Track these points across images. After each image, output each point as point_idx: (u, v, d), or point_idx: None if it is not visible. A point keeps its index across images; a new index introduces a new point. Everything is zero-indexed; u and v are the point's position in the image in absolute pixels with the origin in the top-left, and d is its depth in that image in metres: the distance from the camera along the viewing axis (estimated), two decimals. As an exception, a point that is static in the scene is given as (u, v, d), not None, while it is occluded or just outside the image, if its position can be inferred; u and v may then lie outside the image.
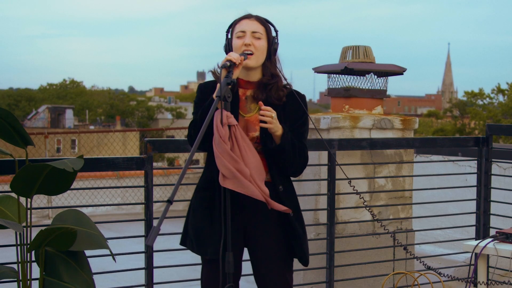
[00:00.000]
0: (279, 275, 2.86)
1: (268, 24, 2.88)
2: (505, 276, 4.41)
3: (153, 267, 3.68)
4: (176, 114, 62.78)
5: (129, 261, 4.23)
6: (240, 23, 2.85)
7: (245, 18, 2.86)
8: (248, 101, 2.85)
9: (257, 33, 2.82)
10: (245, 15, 2.88)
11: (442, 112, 67.36)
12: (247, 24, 2.83)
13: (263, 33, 2.83)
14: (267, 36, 2.85)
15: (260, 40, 2.82)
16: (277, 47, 2.88)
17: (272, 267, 2.86)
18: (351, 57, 4.86)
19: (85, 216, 3.11)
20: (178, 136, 15.01)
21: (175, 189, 2.39)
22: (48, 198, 9.01)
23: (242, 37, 2.81)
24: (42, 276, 2.95)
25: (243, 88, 2.86)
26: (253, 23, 2.83)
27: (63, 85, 73.45)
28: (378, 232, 4.57)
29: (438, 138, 4.75)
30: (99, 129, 36.04)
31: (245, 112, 2.84)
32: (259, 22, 2.85)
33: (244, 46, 2.79)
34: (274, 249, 2.84)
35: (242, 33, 2.82)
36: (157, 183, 7.23)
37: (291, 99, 2.87)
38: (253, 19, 2.85)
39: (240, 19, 2.86)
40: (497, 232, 3.68)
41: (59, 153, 28.87)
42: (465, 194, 5.34)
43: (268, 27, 2.87)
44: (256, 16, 2.88)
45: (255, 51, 2.79)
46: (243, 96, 2.86)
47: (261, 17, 2.88)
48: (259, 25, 2.84)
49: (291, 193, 2.88)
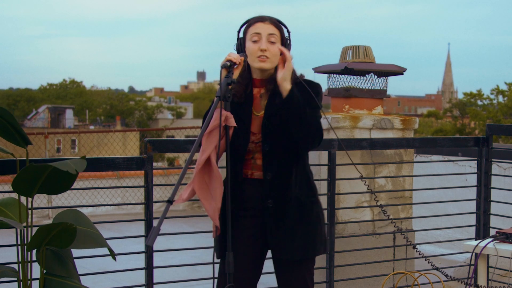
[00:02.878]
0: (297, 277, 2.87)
1: (281, 25, 2.86)
2: (505, 276, 4.41)
3: (153, 267, 3.68)
4: (176, 114, 62.83)
5: (129, 261, 4.23)
6: (255, 26, 2.81)
7: (259, 21, 2.82)
8: (262, 99, 2.85)
9: (273, 35, 2.79)
10: (259, 17, 2.84)
11: (442, 112, 67.34)
12: (262, 27, 2.80)
13: (278, 36, 2.81)
14: (281, 38, 2.83)
15: (275, 44, 2.79)
16: (290, 48, 2.87)
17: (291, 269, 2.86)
18: (351, 57, 4.86)
19: (84, 216, 3.11)
20: (178, 136, 15.03)
21: (175, 189, 2.39)
22: (48, 198, 9.01)
23: (257, 41, 2.78)
24: (43, 276, 2.95)
25: (258, 87, 2.87)
26: (268, 27, 2.80)
27: (63, 85, 73.45)
28: (378, 232, 4.57)
29: (438, 138, 4.75)
30: (99, 129, 36.06)
31: (258, 110, 2.84)
32: (273, 25, 2.82)
33: (259, 51, 2.77)
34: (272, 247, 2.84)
35: (257, 37, 2.79)
36: (157, 183, 7.24)
37: (302, 89, 2.81)
38: (268, 22, 2.82)
39: (254, 22, 2.83)
40: (497, 232, 3.68)
41: (59, 153, 28.87)
42: (465, 194, 5.34)
43: (281, 29, 2.85)
44: (270, 18, 2.84)
45: (271, 56, 2.77)
46: (257, 94, 2.86)
47: (274, 19, 2.85)
48: (274, 28, 2.81)
49: (281, 183, 2.81)
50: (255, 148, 2.83)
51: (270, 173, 2.80)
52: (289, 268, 2.87)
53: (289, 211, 2.81)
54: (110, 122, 52.82)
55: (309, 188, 2.89)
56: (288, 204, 2.82)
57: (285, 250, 2.81)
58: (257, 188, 2.83)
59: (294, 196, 2.83)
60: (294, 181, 2.83)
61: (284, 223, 2.81)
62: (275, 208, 2.80)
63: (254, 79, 2.86)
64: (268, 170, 2.80)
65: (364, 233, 4.58)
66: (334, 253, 4.23)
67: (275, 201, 2.80)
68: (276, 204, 2.80)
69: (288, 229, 2.81)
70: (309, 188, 2.89)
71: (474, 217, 4.80)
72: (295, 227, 2.82)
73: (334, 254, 4.24)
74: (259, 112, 2.84)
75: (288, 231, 2.81)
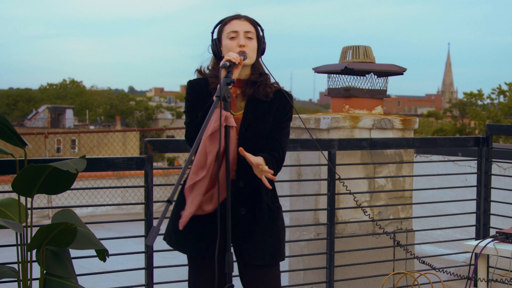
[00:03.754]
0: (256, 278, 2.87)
1: (256, 23, 2.89)
2: (505, 276, 4.41)
3: (153, 267, 3.68)
4: (176, 114, 62.80)
5: (129, 261, 4.23)
6: (231, 23, 2.84)
7: (235, 18, 2.86)
8: (238, 99, 2.86)
9: (249, 33, 2.83)
10: (235, 15, 2.88)
11: (442, 112, 67.36)
12: (239, 24, 2.83)
13: (254, 33, 2.85)
14: (257, 36, 2.87)
15: (252, 40, 2.83)
16: (265, 46, 2.90)
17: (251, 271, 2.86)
18: (351, 57, 4.86)
19: (76, 216, 3.12)
20: (178, 136, 15.01)
21: (175, 189, 2.39)
22: (48, 198, 9.01)
23: (235, 38, 2.81)
24: (42, 276, 2.95)
25: (234, 87, 2.86)
26: (245, 24, 2.84)
27: (63, 85, 73.46)
28: (378, 232, 4.57)
29: (438, 138, 4.75)
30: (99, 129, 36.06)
31: (235, 110, 2.85)
32: (249, 22, 2.86)
33: (238, 47, 2.79)
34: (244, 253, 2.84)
35: (235, 34, 2.82)
36: (157, 183, 7.23)
37: (278, 97, 2.87)
38: (243, 19, 2.86)
39: (230, 20, 2.86)
40: (497, 232, 3.68)
41: (59, 153, 28.87)
42: (465, 194, 5.34)
43: (257, 27, 2.88)
44: (245, 16, 2.89)
45: (249, 51, 2.80)
46: (233, 94, 2.86)
47: (250, 17, 2.89)
48: (250, 25, 2.85)
49: (253, 191, 2.82)
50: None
51: (243, 181, 2.81)
52: (259, 273, 2.87)
53: (261, 218, 2.84)
54: (110, 122, 52.82)
55: (274, 194, 2.93)
56: (260, 211, 2.84)
57: (259, 256, 2.83)
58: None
59: (265, 203, 2.86)
60: (263, 188, 2.83)
61: (256, 229, 2.83)
62: (248, 216, 2.82)
63: None
64: (240, 178, 2.80)
65: (364, 233, 4.58)
66: (334, 253, 4.23)
67: (248, 208, 2.82)
68: (248, 212, 2.82)
69: (260, 235, 2.83)
70: (274, 193, 2.93)
71: (474, 217, 4.80)
72: (267, 232, 2.85)
73: (334, 254, 4.24)
74: (236, 113, 2.84)
75: (260, 237, 2.83)
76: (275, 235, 2.88)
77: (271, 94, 2.84)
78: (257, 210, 2.83)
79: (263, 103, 2.82)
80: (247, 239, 2.82)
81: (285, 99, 2.87)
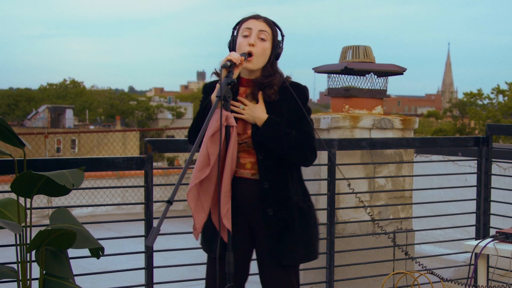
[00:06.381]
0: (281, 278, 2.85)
1: (275, 27, 2.87)
2: (505, 276, 4.41)
3: (153, 267, 3.68)
4: (176, 114, 62.80)
5: (129, 261, 4.23)
6: (248, 22, 2.83)
7: (253, 18, 2.85)
8: (248, 99, 2.85)
9: (263, 32, 2.80)
10: (254, 15, 2.87)
11: (442, 112, 67.33)
12: (254, 23, 2.82)
13: (269, 35, 2.82)
14: (273, 39, 2.84)
15: (265, 42, 2.80)
16: (281, 51, 2.87)
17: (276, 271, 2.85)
18: (351, 57, 4.86)
19: (72, 215, 3.12)
20: (178, 136, 15.01)
21: (175, 189, 2.39)
22: (48, 198, 9.01)
23: (248, 36, 2.80)
24: (42, 276, 2.95)
25: (244, 87, 2.86)
26: (260, 24, 2.82)
27: (63, 85, 73.45)
28: (378, 232, 4.57)
29: (438, 138, 4.75)
30: (99, 129, 36.04)
31: None
32: (266, 23, 2.84)
33: (248, 46, 2.77)
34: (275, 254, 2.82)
35: (248, 32, 2.80)
36: (157, 183, 7.23)
37: (288, 94, 2.83)
38: (261, 20, 2.84)
39: (248, 18, 2.85)
40: (497, 232, 3.68)
41: (59, 153, 28.86)
42: (465, 194, 5.34)
43: (274, 30, 2.85)
44: (264, 17, 2.86)
45: (256, 53, 2.77)
46: (243, 94, 2.86)
47: (269, 19, 2.87)
48: (266, 26, 2.83)
49: (280, 191, 2.81)
50: (239, 148, 2.80)
51: (267, 181, 2.78)
52: (282, 273, 2.85)
53: (290, 218, 2.81)
54: (110, 122, 52.80)
55: (304, 192, 2.92)
56: (289, 212, 2.82)
57: (288, 255, 2.80)
58: (241, 185, 2.81)
59: (294, 203, 2.83)
60: (291, 188, 2.83)
61: (285, 229, 2.80)
62: (276, 217, 2.79)
63: (241, 77, 2.85)
64: (264, 179, 2.78)
65: (364, 233, 4.58)
66: (334, 253, 4.23)
67: (276, 209, 2.79)
68: (276, 212, 2.79)
69: (289, 235, 2.80)
70: (304, 192, 2.92)
71: (474, 217, 4.80)
72: (297, 232, 2.82)
73: (334, 254, 4.24)
74: None
75: (290, 237, 2.80)
76: (306, 234, 2.85)
77: (273, 96, 2.82)
78: (285, 210, 2.80)
79: (271, 103, 2.81)
80: (277, 240, 2.79)
81: (294, 97, 2.82)
